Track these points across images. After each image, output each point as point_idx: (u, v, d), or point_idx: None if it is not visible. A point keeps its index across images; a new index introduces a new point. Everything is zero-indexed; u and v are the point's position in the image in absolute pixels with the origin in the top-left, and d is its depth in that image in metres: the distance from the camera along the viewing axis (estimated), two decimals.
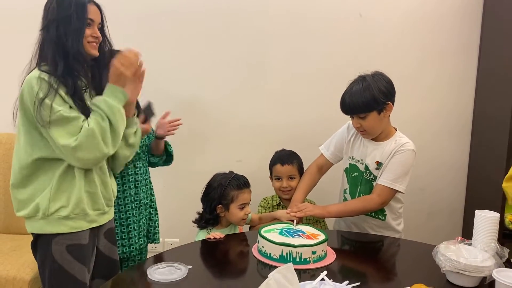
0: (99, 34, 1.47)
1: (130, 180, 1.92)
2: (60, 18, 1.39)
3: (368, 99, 1.72)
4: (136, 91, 1.51)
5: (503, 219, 2.27)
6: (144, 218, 2.01)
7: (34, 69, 1.40)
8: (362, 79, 1.78)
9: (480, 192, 2.56)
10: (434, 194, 2.71)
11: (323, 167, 2.04)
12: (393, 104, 1.80)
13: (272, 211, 2.09)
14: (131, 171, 1.91)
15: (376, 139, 1.86)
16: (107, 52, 1.53)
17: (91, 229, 1.51)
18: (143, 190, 1.99)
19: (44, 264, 1.45)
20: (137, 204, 1.96)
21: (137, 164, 1.94)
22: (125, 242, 1.94)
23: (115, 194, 1.61)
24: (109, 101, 1.41)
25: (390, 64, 2.58)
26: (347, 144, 1.95)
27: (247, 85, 2.62)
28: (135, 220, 1.94)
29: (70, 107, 1.38)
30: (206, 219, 1.84)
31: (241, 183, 1.85)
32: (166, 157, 2.08)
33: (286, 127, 2.64)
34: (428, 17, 2.57)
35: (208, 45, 2.58)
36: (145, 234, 2.04)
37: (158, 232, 2.11)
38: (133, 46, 1.89)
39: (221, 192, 1.82)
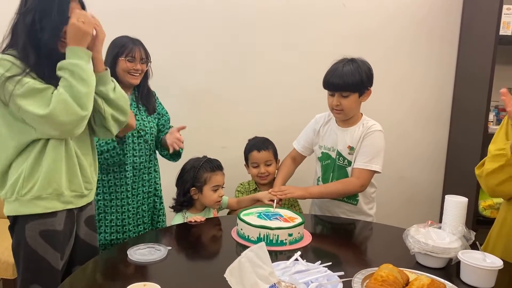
0: None
1: (128, 168, 1.91)
2: (40, 9, 1.35)
3: (358, 80, 1.81)
4: (96, 47, 1.44)
5: (478, 206, 2.34)
6: (145, 206, 2.02)
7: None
8: (351, 60, 1.85)
9: (457, 180, 2.63)
10: (413, 182, 2.78)
11: (296, 158, 2.13)
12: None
13: (254, 191, 2.13)
14: (130, 160, 1.91)
15: (345, 124, 1.93)
16: None
17: (69, 215, 1.49)
18: (144, 178, 2.00)
19: (18, 249, 1.44)
20: (135, 192, 1.97)
21: (136, 153, 1.93)
22: (119, 229, 1.95)
23: (95, 178, 1.60)
24: (74, 61, 1.35)
25: (372, 54, 2.63)
26: (316, 135, 2.03)
27: (233, 74, 2.65)
28: (129, 208, 1.95)
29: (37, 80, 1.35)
30: (180, 202, 1.88)
31: (214, 165, 1.88)
32: (174, 154, 2.06)
33: (270, 114, 2.68)
34: (410, 7, 2.61)
35: (195, 35, 2.60)
36: (148, 221, 2.05)
37: (163, 220, 2.13)
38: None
39: (194, 175, 1.86)
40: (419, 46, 2.65)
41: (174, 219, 1.87)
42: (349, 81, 1.80)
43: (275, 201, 1.82)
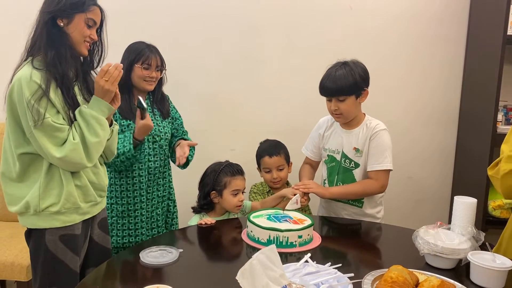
0: (96, 37, 1.50)
1: (142, 174, 1.93)
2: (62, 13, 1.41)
3: (351, 82, 1.82)
4: (116, 99, 1.52)
5: (487, 206, 2.33)
6: (159, 210, 2.04)
7: (26, 62, 1.40)
8: (343, 64, 1.87)
9: (466, 180, 2.62)
10: (421, 182, 2.78)
11: (312, 164, 2.14)
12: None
13: (265, 197, 2.13)
14: (145, 165, 1.93)
15: (349, 126, 1.95)
16: None
17: (84, 220, 1.54)
18: (159, 183, 2.02)
19: (37, 253, 1.47)
20: (149, 196, 1.99)
21: (151, 158, 1.95)
22: (132, 233, 1.98)
23: (106, 183, 1.63)
24: (95, 114, 1.44)
25: (380, 56, 2.65)
26: (321, 139, 2.04)
27: (241, 77, 2.67)
28: (143, 212, 1.97)
29: (58, 111, 1.39)
30: (200, 205, 1.90)
31: (234, 170, 1.89)
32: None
33: (278, 116, 2.70)
34: (417, 9, 2.61)
35: (203, 38, 2.62)
36: (162, 224, 2.08)
37: (177, 223, 2.16)
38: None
39: (214, 178, 1.87)
40: (426, 46, 2.64)
41: (191, 219, 1.88)
42: (342, 85, 1.82)
43: (299, 195, 1.81)
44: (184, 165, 2.07)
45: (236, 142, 2.71)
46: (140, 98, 1.82)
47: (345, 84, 1.82)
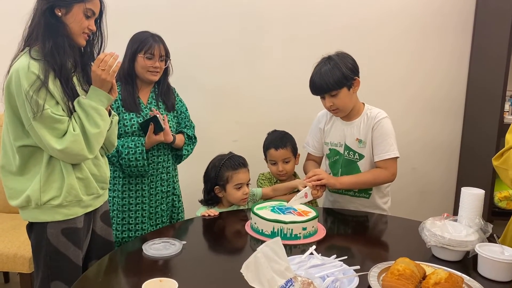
0: (94, 27, 1.47)
1: (146, 169, 1.90)
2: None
3: (338, 76, 1.79)
4: (113, 91, 1.49)
5: (493, 197, 2.31)
6: (163, 205, 2.02)
7: (24, 52, 1.37)
8: (327, 59, 1.84)
9: (471, 171, 2.60)
10: (427, 173, 2.76)
11: (315, 160, 2.10)
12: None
13: (272, 185, 2.11)
14: (144, 160, 1.88)
15: (349, 118, 1.92)
16: None
17: (86, 213, 1.52)
18: (163, 178, 1.99)
19: (39, 247, 1.46)
20: (153, 191, 1.97)
21: (154, 153, 1.93)
22: (132, 227, 1.96)
23: (108, 175, 1.60)
24: (94, 105, 1.41)
25: (385, 45, 2.61)
26: (322, 133, 2.01)
27: (244, 68, 2.64)
28: (144, 207, 1.95)
29: (57, 102, 1.37)
30: (206, 200, 1.88)
31: (236, 163, 1.85)
32: (177, 156, 2.07)
33: (281, 106, 2.67)
34: (424, 2, 2.57)
35: (206, 29, 2.59)
36: (166, 220, 2.05)
37: (182, 217, 2.13)
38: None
39: (216, 174, 1.84)
40: (432, 37, 2.61)
41: (199, 210, 1.86)
42: (330, 81, 1.79)
43: (308, 188, 1.78)
44: (178, 161, 2.06)
45: (239, 133, 2.69)
46: (159, 117, 1.79)
47: (333, 79, 1.79)
